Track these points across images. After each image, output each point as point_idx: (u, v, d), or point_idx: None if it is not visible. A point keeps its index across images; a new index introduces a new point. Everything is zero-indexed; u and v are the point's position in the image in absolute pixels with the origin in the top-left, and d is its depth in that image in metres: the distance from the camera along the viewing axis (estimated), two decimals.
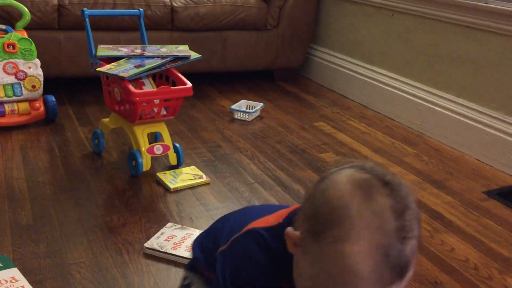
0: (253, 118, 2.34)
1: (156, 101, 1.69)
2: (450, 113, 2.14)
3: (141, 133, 1.71)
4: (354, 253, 0.54)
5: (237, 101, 2.44)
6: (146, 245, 1.32)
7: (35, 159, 1.80)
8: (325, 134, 2.22)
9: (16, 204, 1.50)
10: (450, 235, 1.48)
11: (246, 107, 2.41)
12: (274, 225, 0.74)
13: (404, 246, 0.55)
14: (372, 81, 2.58)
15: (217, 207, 1.57)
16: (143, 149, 1.70)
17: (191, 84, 1.71)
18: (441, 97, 2.20)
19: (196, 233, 1.38)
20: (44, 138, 1.99)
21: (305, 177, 1.80)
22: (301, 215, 0.66)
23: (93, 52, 1.76)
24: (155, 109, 1.71)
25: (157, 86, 1.71)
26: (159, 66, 1.69)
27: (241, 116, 2.33)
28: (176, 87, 1.71)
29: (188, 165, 1.82)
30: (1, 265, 1.19)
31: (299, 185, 1.73)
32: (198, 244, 0.92)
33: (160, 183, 1.69)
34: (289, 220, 0.72)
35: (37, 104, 2.05)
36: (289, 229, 0.66)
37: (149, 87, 1.71)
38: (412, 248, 0.56)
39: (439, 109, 2.19)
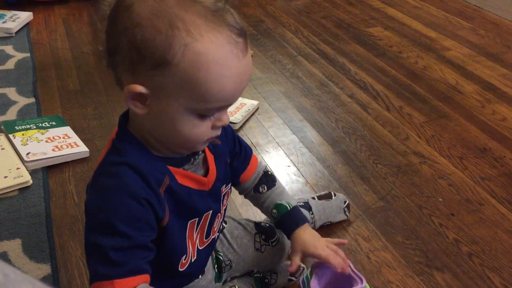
0: None
1: None
2: None
3: None
4: (207, 46, 0.52)
5: None
6: None
7: (78, 32, 1.79)
8: (373, 9, 2.09)
9: (63, 72, 1.52)
10: (503, 105, 1.41)
11: None
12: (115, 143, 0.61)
13: (227, 14, 0.54)
14: None
15: (260, 78, 1.54)
16: None
17: None
18: None
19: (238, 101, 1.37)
20: (85, 13, 1.97)
21: (351, 50, 1.73)
22: (125, 69, 0.55)
23: None
24: None
25: None
26: None
27: None
28: None
29: None
30: (54, 123, 1.23)
31: (344, 58, 1.67)
32: None
33: None
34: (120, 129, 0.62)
35: None
36: (130, 88, 0.54)
37: None
38: (234, 15, 0.56)
39: None
